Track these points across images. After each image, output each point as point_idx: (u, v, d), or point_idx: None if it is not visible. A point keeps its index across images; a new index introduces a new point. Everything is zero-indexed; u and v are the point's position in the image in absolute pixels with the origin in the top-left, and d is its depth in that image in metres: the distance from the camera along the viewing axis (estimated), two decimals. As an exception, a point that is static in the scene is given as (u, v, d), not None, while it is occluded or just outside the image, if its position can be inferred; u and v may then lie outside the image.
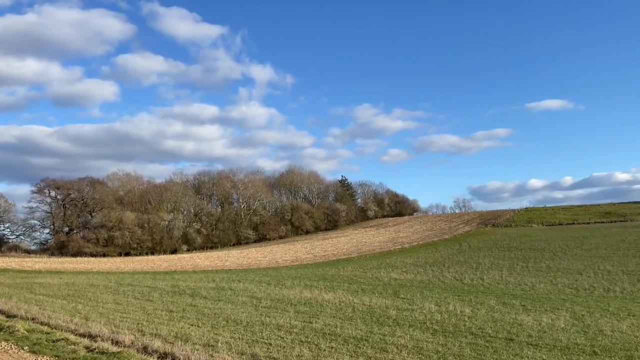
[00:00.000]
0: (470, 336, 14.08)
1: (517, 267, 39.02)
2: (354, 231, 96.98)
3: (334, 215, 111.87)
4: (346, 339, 13.33)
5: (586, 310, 20.53)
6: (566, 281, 31.43)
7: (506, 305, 21.69)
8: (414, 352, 11.69)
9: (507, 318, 17.64)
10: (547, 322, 16.73)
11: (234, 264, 54.56)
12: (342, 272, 40.82)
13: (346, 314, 18.10)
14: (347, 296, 23.77)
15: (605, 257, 41.05)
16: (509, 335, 14.30)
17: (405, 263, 46.09)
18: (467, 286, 31.08)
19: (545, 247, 50.97)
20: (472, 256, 48.32)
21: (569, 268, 37.05)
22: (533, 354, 11.83)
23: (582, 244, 50.99)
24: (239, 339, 13.22)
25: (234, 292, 25.69)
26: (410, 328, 15.24)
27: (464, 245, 59.22)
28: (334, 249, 66.29)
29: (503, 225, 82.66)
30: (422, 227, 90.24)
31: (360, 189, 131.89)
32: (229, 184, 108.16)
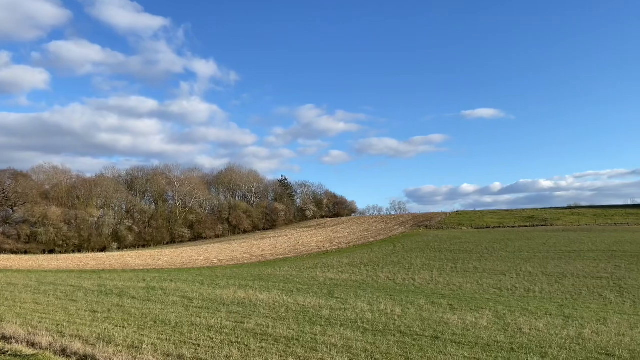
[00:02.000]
0: (398, 334, 14.45)
1: (447, 268, 40.51)
2: (292, 231, 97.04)
3: (273, 215, 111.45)
4: (277, 338, 13.29)
5: (508, 309, 21.63)
6: (491, 282, 32.98)
7: (435, 304, 22.45)
8: (343, 351, 11.84)
9: (434, 317, 18.25)
10: (471, 321, 17.48)
11: (167, 263, 53.01)
12: (279, 272, 40.70)
13: (279, 314, 18.04)
14: (282, 296, 23.71)
15: (527, 259, 43.49)
16: (435, 333, 14.81)
17: (341, 263, 46.63)
18: (399, 286, 31.91)
19: (473, 249, 53.28)
20: (405, 257, 49.67)
21: (494, 269, 38.92)
22: (456, 351, 12.31)
23: (507, 246, 53.76)
24: (166, 340, 12.84)
25: (165, 292, 24.94)
26: (341, 327, 15.42)
27: (398, 246, 60.79)
28: (272, 249, 66.00)
29: (435, 227, 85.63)
30: (359, 228, 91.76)
31: (300, 189, 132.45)
32: (165, 180, 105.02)
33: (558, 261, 41.53)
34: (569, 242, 54.65)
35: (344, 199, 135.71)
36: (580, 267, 37.80)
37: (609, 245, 49.52)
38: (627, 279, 32.44)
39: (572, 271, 36.26)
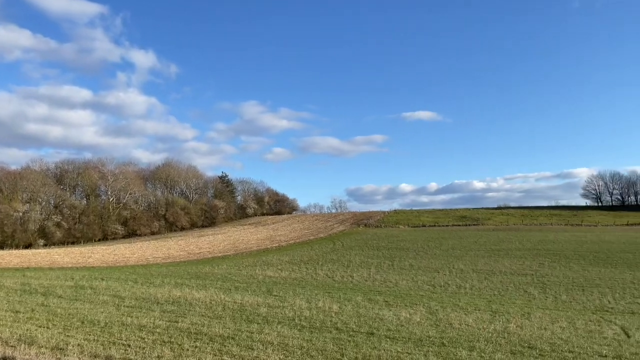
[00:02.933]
0: (335, 331, 14.60)
1: (384, 265, 41.45)
2: (232, 228, 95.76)
3: (212, 212, 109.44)
4: (212, 337, 13.05)
5: (440, 305, 22.41)
6: (425, 278, 34.07)
7: (371, 301, 22.88)
8: (279, 349, 11.81)
9: (370, 313, 18.60)
10: (405, 317, 17.97)
11: (99, 260, 50.75)
12: (217, 270, 40.04)
13: (216, 313, 17.72)
14: (219, 294, 23.32)
15: (460, 257, 45.31)
16: (371, 329, 15.09)
17: (281, 261, 46.55)
18: (337, 283, 32.28)
19: (409, 247, 54.85)
20: (344, 254, 50.33)
21: (428, 266, 40.25)
22: (390, 346, 12.60)
23: (441, 244, 55.76)
24: (94, 340, 12.28)
25: (95, 290, 23.85)
26: (278, 325, 15.37)
27: (338, 244, 61.50)
28: (210, 247, 64.81)
29: (374, 225, 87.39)
30: (299, 226, 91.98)
31: (241, 186, 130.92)
32: (97, 174, 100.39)
33: (488, 259, 43.55)
34: (498, 240, 57.45)
35: (286, 196, 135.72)
36: (507, 265, 39.82)
37: (534, 244, 52.50)
38: (549, 276, 34.53)
39: (500, 268, 38.13)
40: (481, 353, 12.28)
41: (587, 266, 38.13)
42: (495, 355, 12.12)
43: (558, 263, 40.04)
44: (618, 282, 31.18)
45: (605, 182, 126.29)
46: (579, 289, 29.57)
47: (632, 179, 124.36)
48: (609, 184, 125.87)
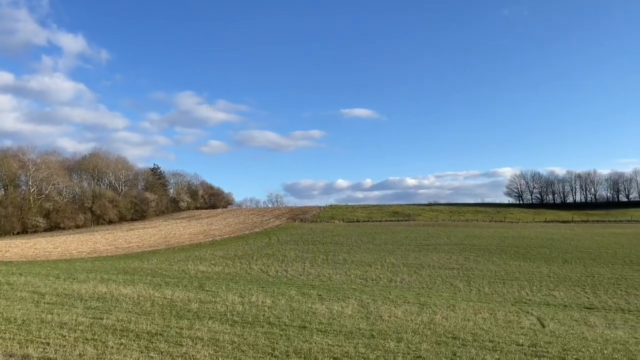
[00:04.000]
0: (267, 325, 14.57)
1: (319, 260, 41.85)
2: (163, 222, 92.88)
3: (143, 205, 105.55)
4: (139, 334, 12.61)
5: (371, 298, 22.95)
6: (358, 272, 34.76)
7: (305, 295, 23.03)
8: (209, 344, 11.61)
9: (303, 307, 18.71)
10: (338, 310, 18.24)
11: (17, 255, 47.56)
12: (146, 265, 38.73)
13: (144, 309, 17.13)
14: (148, 290, 22.56)
15: (391, 252, 46.60)
16: (303, 323, 15.19)
17: (214, 255, 45.77)
18: (272, 278, 32.22)
19: (344, 241, 55.69)
20: (279, 249, 50.28)
21: (361, 261, 41.08)
22: (321, 339, 12.74)
23: (374, 239, 57.08)
24: (9, 339, 11.51)
25: (12, 286, 22.33)
26: (210, 320, 15.11)
27: (273, 238, 61.34)
28: (140, 241, 62.54)
29: (310, 220, 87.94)
30: (234, 220, 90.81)
31: (174, 178, 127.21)
32: (17, 163, 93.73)
33: (418, 253, 45.10)
34: (427, 236, 59.61)
35: (221, 190, 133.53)
36: (436, 259, 41.44)
37: (460, 239, 54.96)
38: (474, 269, 36.30)
39: (429, 262, 39.61)
40: (408, 344, 12.71)
41: (509, 260, 40.43)
42: (421, 345, 12.58)
43: (482, 257, 42.15)
44: (535, 276, 33.31)
45: (526, 181, 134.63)
46: (501, 282, 31.31)
47: (551, 178, 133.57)
48: (529, 183, 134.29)
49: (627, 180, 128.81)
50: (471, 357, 11.71)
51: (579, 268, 36.25)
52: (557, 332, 16.34)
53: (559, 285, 29.92)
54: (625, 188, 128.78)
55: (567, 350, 13.11)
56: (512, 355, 12.24)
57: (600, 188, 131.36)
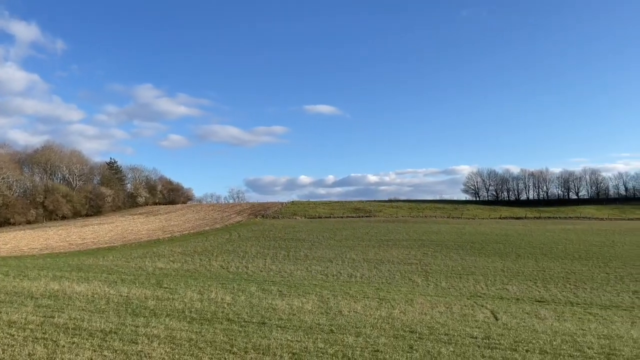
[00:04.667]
0: (226, 322, 14.42)
1: (280, 256, 41.76)
2: (120, 218, 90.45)
3: (99, 200, 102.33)
4: (92, 332, 12.24)
5: (332, 294, 23.10)
6: (319, 268, 34.91)
7: (265, 291, 22.94)
8: (165, 342, 11.40)
9: (263, 303, 18.64)
10: (298, 306, 18.27)
11: (-38, 252, 45.25)
12: (102, 261, 37.67)
13: (98, 307, 16.65)
14: (103, 287, 21.93)
15: (352, 247, 47.02)
16: (263, 319, 15.13)
17: (173, 252, 44.96)
18: (232, 274, 31.94)
19: (305, 237, 55.77)
20: (240, 245, 49.87)
21: (322, 256, 41.26)
22: (280, 335, 12.73)
23: (335, 235, 57.43)
24: (-49, 341, 10.95)
25: (-45, 285, 21.24)
26: (167, 318, 14.84)
27: (234, 234, 60.77)
28: (95, 237, 60.69)
29: (271, 216, 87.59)
30: (194, 216, 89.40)
31: (132, 173, 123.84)
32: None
33: (378, 249, 45.68)
34: (387, 232, 60.45)
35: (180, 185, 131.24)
36: (395, 255, 42.08)
37: (419, 235, 56.02)
38: (432, 264, 37.08)
39: (388, 258, 40.19)
40: (367, 338, 12.86)
41: (465, 256, 41.50)
42: (379, 339, 12.75)
43: (440, 253, 43.11)
44: (490, 270, 34.34)
45: (483, 179, 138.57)
46: (457, 276, 32.11)
47: (506, 176, 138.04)
48: (486, 181, 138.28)
49: (577, 178, 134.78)
50: (427, 350, 11.97)
51: (531, 263, 37.59)
52: (509, 324, 16.91)
53: (512, 280, 30.95)
54: (575, 186, 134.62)
55: (519, 342, 13.58)
56: (467, 347, 12.58)
57: (552, 186, 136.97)
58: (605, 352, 12.85)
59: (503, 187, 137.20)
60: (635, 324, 18.83)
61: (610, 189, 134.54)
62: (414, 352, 11.67)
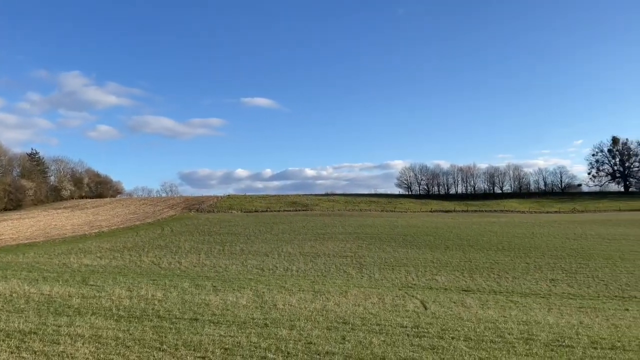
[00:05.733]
0: (156, 319, 14.02)
1: (215, 251, 41.07)
2: (42, 212, 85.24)
3: (18, 193, 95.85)
4: (10, 333, 11.50)
5: (267, 287, 23.04)
6: (255, 262, 34.68)
7: (198, 287, 22.51)
8: (90, 341, 10.91)
9: (196, 299, 18.29)
10: (232, 301, 18.08)
11: None
12: (22, 259, 35.38)
13: (17, 306, 15.65)
14: (23, 286, 20.64)
15: (289, 241, 47.08)
16: (195, 315, 14.84)
17: (101, 248, 42.99)
18: (164, 270, 31.05)
19: (241, 231, 55.18)
20: (173, 240, 48.54)
21: (258, 250, 41.02)
22: (213, 331, 12.55)
23: (272, 229, 57.26)
24: None
25: None
26: (92, 316, 14.21)
27: (167, 229, 59.05)
28: (15, 232, 56.83)
29: (206, 210, 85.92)
30: (124, 211, 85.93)
31: (55, 165, 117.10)
32: None
33: (314, 242, 46.03)
34: (324, 225, 61.06)
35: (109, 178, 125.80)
36: (331, 248, 42.59)
37: (355, 228, 57.02)
38: (366, 257, 37.86)
39: (324, 251, 40.61)
40: (300, 331, 12.96)
41: (397, 248, 42.73)
42: (313, 332, 12.89)
43: (374, 245, 44.10)
44: (421, 262, 35.57)
45: (415, 173, 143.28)
46: (390, 268, 33.01)
47: (436, 171, 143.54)
48: (418, 176, 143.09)
49: (502, 174, 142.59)
50: (359, 340, 12.24)
51: (458, 254, 39.33)
52: (437, 313, 17.63)
53: (441, 270, 32.24)
54: (500, 181, 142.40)
55: (445, 330, 14.19)
56: (397, 336, 12.99)
57: (479, 181, 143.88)
58: (524, 337, 13.69)
59: (434, 181, 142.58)
60: (551, 310, 20.20)
61: (531, 183, 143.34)
62: (346, 343, 11.90)
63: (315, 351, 11.07)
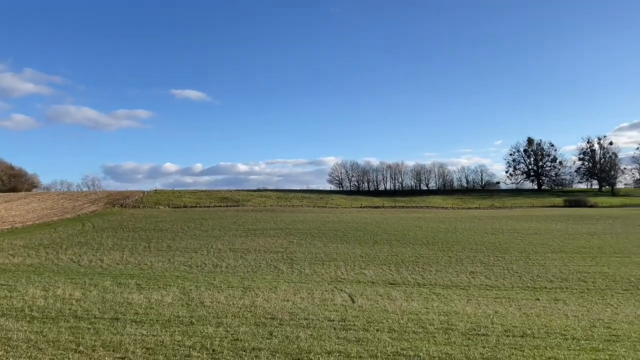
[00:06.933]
0: (73, 320, 13.31)
1: (140, 248, 39.58)
2: (-54, 207, 78.04)
3: None
4: None
5: (194, 285, 22.54)
6: (182, 259, 33.81)
7: (121, 285, 21.61)
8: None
9: (118, 298, 17.55)
10: (157, 299, 17.52)
11: None
12: None
13: None
14: None
15: (218, 237, 46.30)
16: (116, 314, 14.24)
17: (14, 245, 40.09)
18: (84, 268, 29.53)
19: (169, 227, 53.55)
20: (94, 237, 46.21)
21: (187, 247, 40.01)
22: (135, 330, 12.11)
23: (202, 225, 56.03)
24: None
25: None
26: (2, 318, 13.26)
27: (88, 225, 56.10)
28: None
29: (132, 206, 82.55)
30: (41, 205, 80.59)
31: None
32: None
33: (245, 238, 45.60)
34: (255, 221, 60.63)
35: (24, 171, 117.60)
36: (262, 243, 42.40)
37: (286, 224, 57.09)
38: (297, 252, 38.04)
39: (255, 247, 40.34)
40: (227, 328, 12.80)
41: (328, 243, 43.30)
42: (240, 328, 12.78)
43: (305, 241, 44.41)
44: (350, 256, 36.27)
45: (346, 170, 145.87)
46: (320, 263, 33.39)
47: (367, 168, 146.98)
48: (349, 172, 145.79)
49: (428, 171, 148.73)
50: (286, 335, 12.29)
51: (386, 248, 40.50)
52: (364, 306, 18.07)
53: (369, 264, 33.07)
54: (426, 178, 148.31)
55: (371, 322, 14.58)
56: (324, 330, 13.17)
57: (407, 177, 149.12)
58: (444, 327, 14.35)
59: (364, 178, 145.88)
60: (470, 301, 21.32)
61: (455, 181, 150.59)
62: (273, 338, 11.90)
63: (241, 348, 10.98)
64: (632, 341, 13.48)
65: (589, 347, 12.65)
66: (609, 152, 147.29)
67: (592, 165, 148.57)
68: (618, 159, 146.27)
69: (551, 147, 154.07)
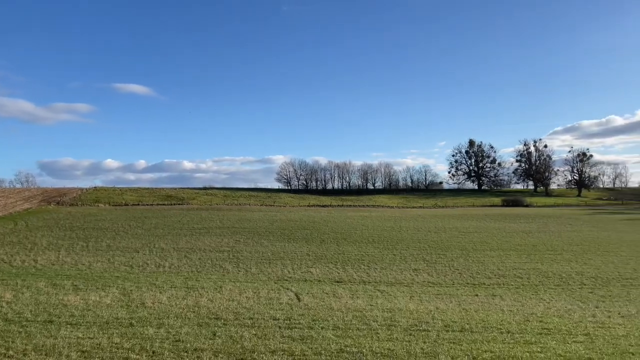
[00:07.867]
0: (3, 323, 12.57)
1: (77, 247, 37.91)
2: None
3: None
4: None
5: (135, 285, 21.84)
6: (123, 259, 32.68)
7: (56, 286, 20.63)
8: None
9: (53, 300, 16.74)
10: (95, 300, 16.84)
11: None
12: None
13: None
14: None
15: (162, 236, 45.08)
16: (50, 317, 13.58)
17: None
18: (16, 269, 27.94)
19: (109, 226, 51.58)
20: (28, 236, 43.80)
21: (128, 247, 38.69)
22: (70, 333, 11.59)
23: (144, 223, 54.33)
24: None
25: None
26: None
27: (21, 224, 53.08)
28: None
29: (69, 203, 78.90)
30: (-32, 203, 75.45)
31: None
32: None
33: (189, 237, 44.65)
34: (201, 219, 59.47)
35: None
36: (207, 243, 41.66)
37: (233, 223, 56.39)
38: (243, 251, 37.66)
39: (200, 246, 39.59)
40: (169, 329, 12.49)
41: (275, 242, 43.15)
42: (182, 329, 12.50)
43: (252, 239, 44.04)
44: (297, 255, 36.31)
45: (294, 168, 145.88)
46: (267, 262, 33.22)
47: (315, 167, 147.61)
48: (297, 171, 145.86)
49: (374, 171, 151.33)
50: (230, 335, 12.14)
51: (332, 247, 40.85)
52: (310, 304, 18.14)
53: (316, 263, 33.24)
54: (372, 177, 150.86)
55: (316, 320, 14.66)
56: (269, 329, 13.12)
57: (354, 177, 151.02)
58: (387, 323, 14.65)
59: (312, 177, 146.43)
60: (413, 298, 21.88)
61: (400, 180, 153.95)
62: (216, 339, 11.73)
63: (183, 349, 10.75)
64: (562, 334, 14.29)
65: (523, 340, 13.30)
66: (544, 154, 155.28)
67: (528, 166, 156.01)
68: (552, 161, 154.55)
69: (491, 149, 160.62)
